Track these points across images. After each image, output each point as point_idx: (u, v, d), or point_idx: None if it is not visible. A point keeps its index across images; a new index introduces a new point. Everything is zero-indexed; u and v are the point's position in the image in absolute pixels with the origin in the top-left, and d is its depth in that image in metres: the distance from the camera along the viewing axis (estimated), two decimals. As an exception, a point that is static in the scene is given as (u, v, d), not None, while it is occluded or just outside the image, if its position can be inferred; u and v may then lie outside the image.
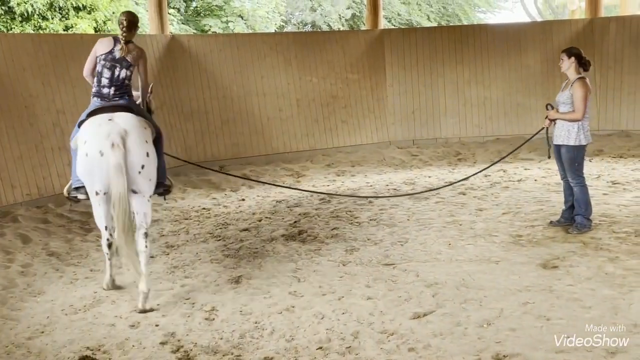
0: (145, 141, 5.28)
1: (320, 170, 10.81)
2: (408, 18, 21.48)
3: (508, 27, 13.86)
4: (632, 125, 12.25)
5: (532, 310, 4.41)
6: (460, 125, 12.69)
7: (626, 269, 5.09)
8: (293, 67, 12.01)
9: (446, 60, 12.76)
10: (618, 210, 7.00)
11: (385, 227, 6.89)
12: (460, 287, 4.97)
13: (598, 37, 12.42)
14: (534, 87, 12.35)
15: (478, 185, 8.92)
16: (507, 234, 6.33)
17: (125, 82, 5.64)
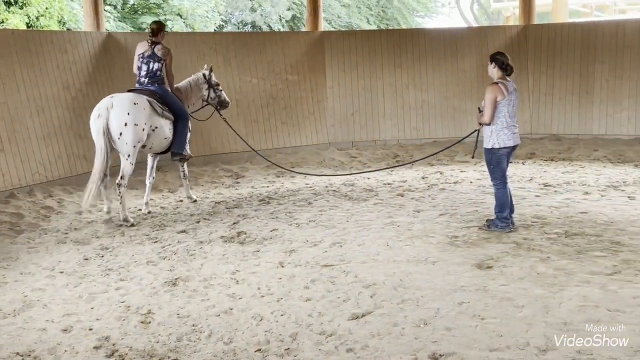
0: (127, 113, 7.25)
1: (259, 171, 10.76)
2: (348, 21, 21.63)
3: (445, 32, 14.14)
4: (563, 130, 12.69)
5: (467, 309, 4.49)
6: (399, 128, 12.86)
7: (557, 269, 5.25)
8: (233, 68, 11.91)
9: (385, 63, 12.91)
10: (549, 212, 7.22)
11: (325, 229, 6.90)
12: (397, 287, 5.02)
13: (531, 43, 12.81)
14: (470, 91, 12.63)
15: (416, 187, 9.05)
16: (444, 235, 6.43)
17: (157, 73, 7.91)
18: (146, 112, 7.48)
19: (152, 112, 7.59)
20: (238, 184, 9.75)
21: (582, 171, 9.87)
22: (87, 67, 10.28)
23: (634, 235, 6.14)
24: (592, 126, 12.50)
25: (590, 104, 12.48)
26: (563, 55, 12.66)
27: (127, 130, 7.25)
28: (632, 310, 4.32)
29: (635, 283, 4.84)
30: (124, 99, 7.35)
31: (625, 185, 8.62)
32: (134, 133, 7.29)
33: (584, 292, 4.69)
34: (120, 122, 7.23)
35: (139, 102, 7.45)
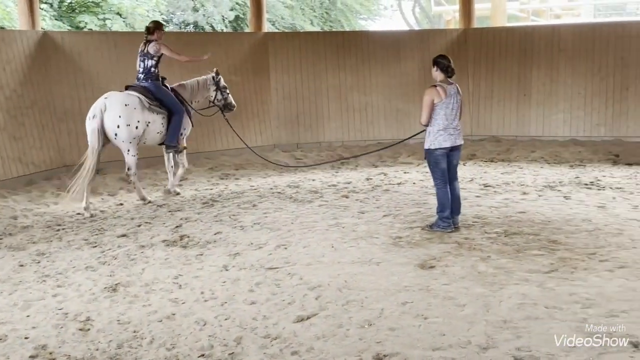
0: (118, 116, 8.08)
1: (203, 174, 10.63)
2: (291, 22, 21.63)
3: (388, 35, 14.30)
4: (502, 131, 13.01)
5: (411, 309, 4.54)
6: (343, 130, 12.93)
7: (497, 268, 5.36)
8: (174, 68, 11.72)
9: (329, 65, 12.96)
10: (489, 212, 7.38)
11: (269, 231, 6.87)
12: (342, 289, 5.03)
13: (471, 47, 13.08)
14: (412, 93, 12.79)
15: (360, 188, 9.11)
16: (388, 236, 6.49)
17: (151, 70, 8.66)
18: (137, 111, 8.27)
19: (143, 109, 8.35)
20: (181, 187, 9.61)
21: (520, 172, 10.13)
22: (22, 66, 9.96)
23: (570, 234, 6.33)
24: (529, 128, 12.85)
25: (527, 107, 12.83)
26: (502, 58, 12.97)
27: (121, 131, 8.16)
28: (569, 307, 4.44)
29: (572, 280, 4.98)
30: (115, 102, 8.15)
31: (562, 185, 8.88)
32: (127, 132, 8.18)
33: (522, 290, 4.80)
34: (114, 124, 8.13)
35: (130, 102, 8.23)
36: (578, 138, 12.41)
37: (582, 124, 12.52)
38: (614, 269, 5.21)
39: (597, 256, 5.57)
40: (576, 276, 5.08)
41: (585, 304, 4.49)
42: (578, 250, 5.77)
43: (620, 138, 12.16)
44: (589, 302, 4.51)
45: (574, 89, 12.52)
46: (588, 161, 10.93)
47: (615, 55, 12.27)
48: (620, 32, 12.41)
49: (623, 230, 6.37)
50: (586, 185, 8.80)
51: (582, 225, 6.62)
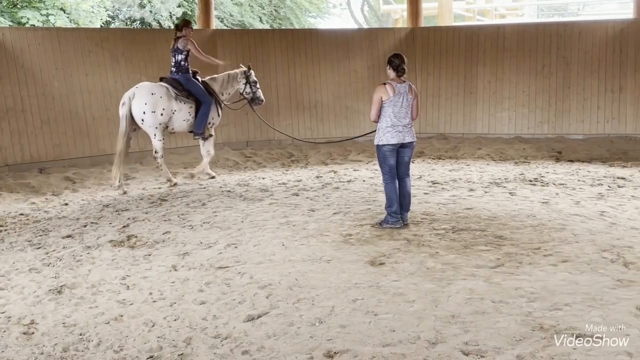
0: (144, 103, 8.93)
1: (150, 173, 10.47)
2: (240, 19, 21.47)
3: (337, 33, 14.35)
4: (449, 129, 13.23)
5: (361, 306, 4.57)
6: (293, 128, 12.92)
7: (445, 263, 5.44)
8: (121, 65, 11.52)
9: (279, 63, 12.93)
10: (437, 209, 7.49)
11: (219, 230, 6.81)
12: (293, 287, 5.02)
13: (419, 46, 13.25)
14: (362, 91, 12.90)
15: (310, 186, 9.12)
16: (338, 234, 6.52)
17: (181, 63, 9.36)
18: (163, 100, 9.07)
19: (169, 98, 9.16)
20: (128, 186, 9.44)
21: (467, 169, 10.32)
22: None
23: (515, 229, 6.48)
24: (476, 126, 13.10)
25: (474, 105, 13.08)
26: (449, 57, 13.18)
27: (147, 117, 8.98)
28: (514, 301, 4.55)
29: (517, 275, 5.10)
30: (143, 90, 9.02)
31: (507, 181, 9.08)
32: (153, 118, 9.00)
33: (470, 285, 4.89)
34: (140, 110, 8.97)
35: (157, 91, 9.07)
36: (522, 135, 12.73)
37: (526, 121, 12.84)
38: (557, 263, 5.35)
39: (541, 251, 5.72)
40: (521, 271, 5.20)
41: (530, 297, 4.60)
42: (523, 245, 5.91)
43: (562, 135, 12.52)
44: (534, 296, 4.62)
45: (519, 87, 12.83)
46: (532, 158, 11.21)
47: (557, 55, 12.62)
48: (562, 31, 12.77)
49: (566, 225, 6.55)
50: (530, 182, 9.02)
51: (527, 221, 6.79)
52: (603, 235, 6.14)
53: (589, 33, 12.54)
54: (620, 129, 12.31)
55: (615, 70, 12.27)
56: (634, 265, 5.23)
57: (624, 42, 12.21)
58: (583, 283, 4.86)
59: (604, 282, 4.86)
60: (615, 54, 12.27)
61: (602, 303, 4.44)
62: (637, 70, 12.13)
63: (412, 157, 7.01)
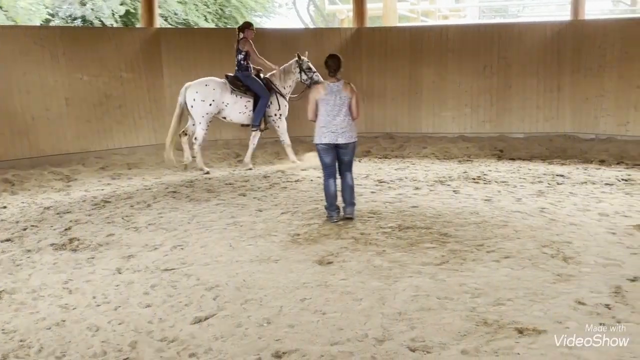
0: (196, 92, 10.15)
1: (93, 174, 10.25)
2: (185, 18, 21.20)
3: (284, 32, 14.35)
4: (395, 129, 13.38)
5: (309, 305, 4.57)
6: (239, 128, 12.80)
7: (391, 261, 5.50)
8: (61, 64, 11.23)
9: (225, 62, 12.79)
10: (384, 207, 7.56)
11: (165, 231, 6.72)
12: (241, 288, 4.99)
13: (364, 46, 13.35)
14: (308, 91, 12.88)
15: (258, 186, 9.09)
16: (286, 233, 6.51)
17: (241, 62, 10.35)
18: (216, 92, 10.18)
19: (223, 91, 10.24)
20: (69, 188, 9.21)
21: (412, 167, 10.46)
22: None
23: (459, 226, 6.60)
24: (421, 125, 13.29)
25: (419, 104, 13.27)
26: (394, 57, 13.33)
27: (196, 105, 10.10)
28: (459, 297, 4.63)
29: (461, 272, 5.19)
30: (197, 82, 10.25)
31: (451, 180, 9.24)
32: (201, 107, 10.10)
33: (416, 283, 4.95)
34: (190, 98, 10.14)
35: (210, 84, 10.22)
36: (466, 134, 12.97)
37: (469, 120, 13.10)
38: (500, 259, 5.48)
39: (484, 247, 5.84)
40: (465, 267, 5.30)
41: (474, 293, 4.70)
42: (467, 242, 6.03)
43: (504, 134, 12.82)
44: (478, 292, 4.72)
45: (462, 87, 13.07)
46: (475, 156, 11.44)
47: (498, 55, 12.91)
48: (503, 33, 13.08)
49: (508, 222, 6.72)
50: (474, 180, 9.20)
51: (471, 218, 6.92)
52: (543, 231, 6.32)
53: (528, 34, 12.88)
54: (558, 128, 12.68)
55: (553, 71, 12.63)
56: (572, 260, 5.40)
57: (561, 43, 12.58)
58: (525, 278, 4.99)
59: (545, 277, 5.00)
60: (554, 55, 12.63)
61: (543, 297, 4.57)
62: (574, 71, 12.51)
63: (354, 157, 7.09)
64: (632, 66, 11.81)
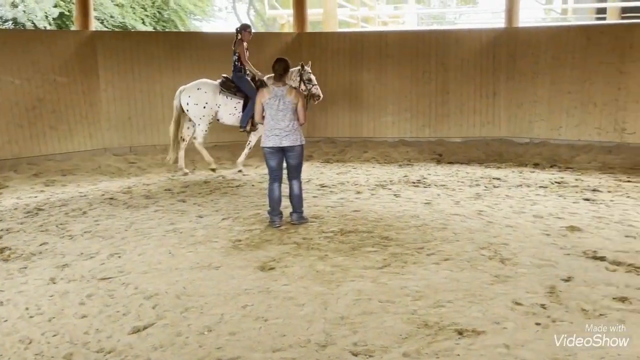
0: (188, 96, 10.31)
1: (25, 181, 9.89)
2: (122, 21, 20.77)
3: (224, 36, 14.19)
4: (337, 133, 13.45)
5: (251, 312, 4.53)
6: (179, 132, 12.62)
7: (334, 266, 5.50)
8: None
9: (163, 66, 12.62)
10: (326, 212, 7.57)
11: (101, 239, 6.54)
12: (181, 295, 4.90)
13: (305, 51, 13.35)
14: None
15: (198, 192, 8.96)
16: (227, 239, 6.43)
17: (235, 63, 10.46)
18: (208, 94, 10.34)
19: (215, 93, 10.39)
20: (0, 195, 8.87)
21: (354, 172, 10.52)
22: None
23: (400, 230, 6.67)
24: (362, 129, 13.40)
25: (360, 109, 13.37)
26: (335, 62, 13.40)
27: (191, 107, 10.32)
28: (400, 300, 4.67)
29: (402, 275, 5.24)
30: (190, 86, 10.44)
31: (392, 184, 9.34)
32: (196, 109, 10.31)
33: (358, 287, 4.97)
34: (185, 102, 10.34)
35: (202, 87, 10.39)
36: (406, 139, 13.15)
37: (409, 125, 13.28)
38: (439, 262, 5.55)
39: (424, 250, 5.91)
40: (406, 270, 5.36)
41: (415, 296, 4.74)
42: (408, 245, 6.09)
43: (442, 138, 13.05)
44: (419, 294, 4.77)
45: (401, 92, 13.24)
46: (415, 160, 11.60)
47: (437, 61, 13.14)
48: (441, 39, 13.33)
49: (447, 225, 6.82)
50: (414, 184, 9.32)
51: (411, 222, 7.00)
52: (481, 234, 6.45)
53: (465, 41, 13.16)
54: (495, 132, 13.00)
55: (489, 77, 12.94)
56: (509, 261, 5.52)
57: (497, 50, 12.91)
58: (464, 280, 5.07)
59: (483, 278, 5.09)
60: (489, 61, 12.94)
61: (482, 298, 4.65)
62: (509, 77, 12.85)
63: (302, 162, 7.07)
64: (564, 73, 12.22)
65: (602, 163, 10.77)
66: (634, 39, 11.63)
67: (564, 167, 10.69)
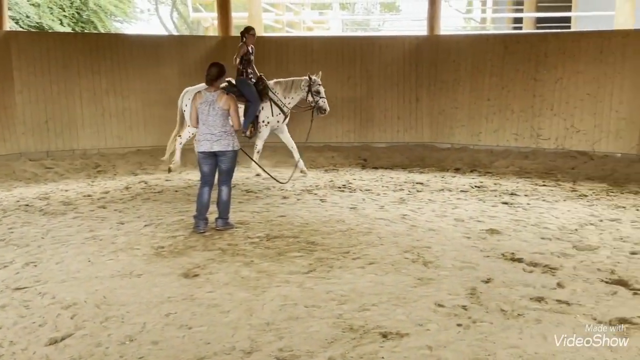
0: (188, 98, 10.12)
1: None
2: (38, 21, 20.02)
3: (145, 39, 13.93)
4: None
5: (174, 320, 4.43)
6: (99, 136, 12.31)
7: (259, 272, 5.46)
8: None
9: (82, 68, 12.26)
10: (252, 217, 7.52)
11: (16, 248, 6.25)
12: (101, 305, 4.74)
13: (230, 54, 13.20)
14: (174, 99, 12.59)
15: (119, 198, 8.73)
16: (149, 246, 6.28)
17: (238, 68, 10.27)
18: None
19: None
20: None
21: (280, 177, 10.49)
22: None
23: (326, 234, 6.69)
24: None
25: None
26: (260, 67, 13.31)
27: (186, 111, 10.34)
28: (326, 304, 4.68)
29: (328, 279, 5.26)
30: (189, 90, 10.48)
31: (318, 189, 9.38)
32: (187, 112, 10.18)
33: (284, 292, 4.95)
34: (183, 103, 10.50)
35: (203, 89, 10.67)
36: (331, 144, 13.24)
37: (334, 130, 13.38)
38: (365, 266, 5.61)
39: (350, 254, 5.96)
40: (332, 274, 5.38)
41: (341, 300, 4.77)
42: (334, 249, 6.12)
43: (367, 143, 13.22)
44: (344, 298, 4.79)
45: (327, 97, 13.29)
46: (340, 165, 11.70)
47: (361, 67, 13.31)
48: (365, 46, 13.51)
49: (372, 229, 6.90)
50: (339, 188, 9.40)
51: (337, 226, 7.05)
52: (405, 237, 6.56)
53: (388, 48, 13.39)
54: (417, 138, 13.28)
55: (412, 83, 13.22)
56: (432, 264, 5.63)
57: (419, 57, 13.20)
58: (388, 283, 5.14)
59: (407, 281, 5.18)
60: (412, 68, 13.22)
61: (406, 301, 4.73)
62: (431, 84, 13.16)
63: (234, 168, 7.01)
64: (483, 80, 12.63)
65: (519, 168, 11.18)
66: (549, 48, 12.16)
67: (484, 171, 11.03)
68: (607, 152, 11.44)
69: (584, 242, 6.37)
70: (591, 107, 11.67)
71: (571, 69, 11.87)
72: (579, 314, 4.46)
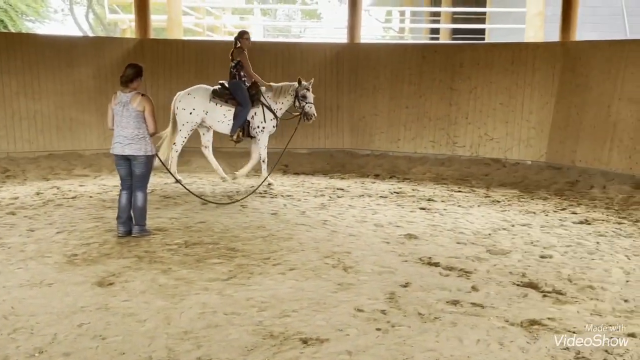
0: (179, 101, 10.12)
1: None
2: (-57, 18, 19.01)
3: (58, 39, 13.44)
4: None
5: (87, 331, 4.27)
6: (9, 140, 11.75)
7: (178, 279, 5.35)
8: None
9: (-9, 68, 11.68)
10: (170, 223, 7.37)
11: None
12: (8, 316, 4.52)
13: (148, 57, 12.95)
14: (88, 102, 12.22)
15: (30, 204, 8.36)
16: (62, 254, 6.04)
17: (232, 71, 10.20)
18: (197, 100, 10.10)
19: (204, 100, 10.12)
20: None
21: (200, 182, 10.37)
22: None
23: (247, 240, 6.64)
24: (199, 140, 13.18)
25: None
26: (179, 70, 13.13)
27: (179, 112, 10.14)
28: (246, 311, 4.63)
29: (249, 286, 5.21)
30: (183, 92, 10.25)
31: (239, 194, 9.30)
32: (183, 115, 10.09)
33: (203, 299, 4.87)
34: (174, 107, 10.21)
35: (193, 92, 10.22)
36: (252, 150, 13.13)
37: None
38: (285, 272, 5.59)
39: (271, 260, 5.93)
40: (253, 281, 5.33)
41: (261, 307, 4.73)
42: (254, 256, 6.07)
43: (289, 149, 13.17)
44: (265, 305, 4.76)
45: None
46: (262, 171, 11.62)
47: (283, 73, 13.29)
48: (287, 51, 13.54)
49: (293, 235, 6.90)
50: (260, 194, 9.34)
51: (258, 232, 7.00)
52: (325, 243, 6.59)
53: (310, 54, 13.46)
54: (338, 144, 13.39)
55: (333, 90, 13.32)
56: (352, 269, 5.68)
57: (340, 64, 13.33)
58: (308, 289, 5.14)
59: (327, 287, 5.20)
60: (333, 75, 13.34)
61: (326, 307, 4.74)
62: (351, 91, 13.31)
63: (149, 173, 6.83)
64: (402, 88, 12.89)
65: (436, 174, 11.47)
66: (464, 58, 12.55)
67: (402, 178, 11.25)
68: (518, 159, 11.89)
69: (497, 246, 6.60)
70: (503, 116, 12.11)
71: (485, 79, 12.29)
72: (492, 316, 4.60)
